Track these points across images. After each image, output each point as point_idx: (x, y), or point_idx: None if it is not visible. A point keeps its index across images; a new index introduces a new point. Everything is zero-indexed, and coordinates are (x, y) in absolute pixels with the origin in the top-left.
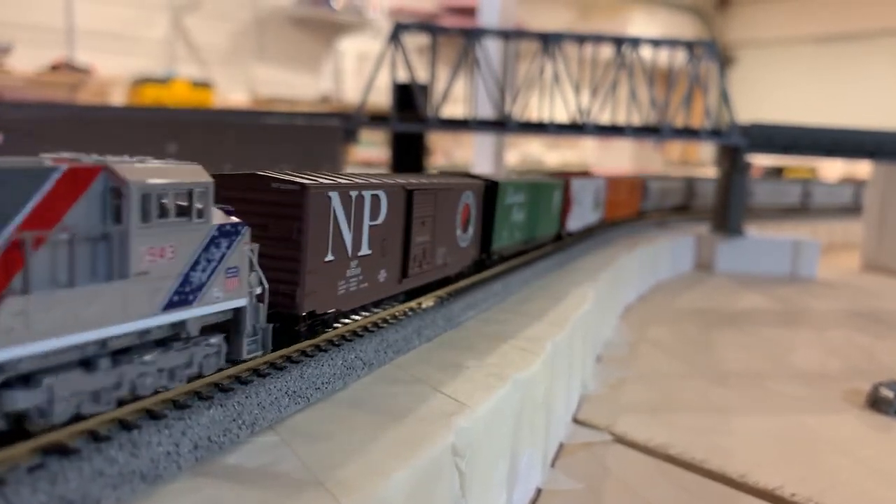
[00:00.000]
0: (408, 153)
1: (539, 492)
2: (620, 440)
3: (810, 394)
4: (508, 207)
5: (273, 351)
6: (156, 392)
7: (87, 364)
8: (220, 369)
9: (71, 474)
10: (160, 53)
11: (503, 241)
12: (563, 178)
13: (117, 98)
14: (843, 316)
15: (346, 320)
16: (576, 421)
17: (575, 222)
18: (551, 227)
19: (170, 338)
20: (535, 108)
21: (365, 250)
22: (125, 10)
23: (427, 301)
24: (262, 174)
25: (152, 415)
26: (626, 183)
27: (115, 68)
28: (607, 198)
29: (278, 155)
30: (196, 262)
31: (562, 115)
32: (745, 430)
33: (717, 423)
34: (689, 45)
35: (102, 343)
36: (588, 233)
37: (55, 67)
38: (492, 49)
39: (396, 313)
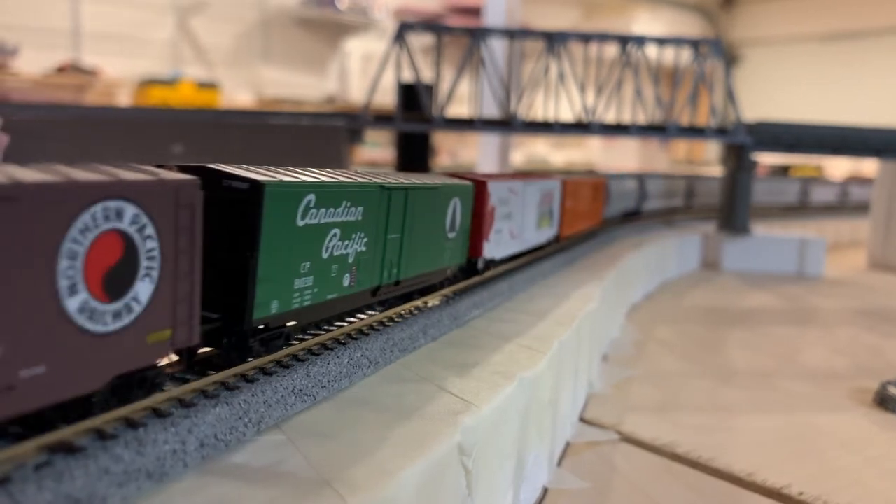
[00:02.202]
0: (413, 153)
1: (546, 491)
2: (627, 439)
3: (818, 392)
4: (306, 232)
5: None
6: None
7: None
8: (227, 367)
9: (77, 472)
10: (166, 55)
11: (283, 298)
12: (474, 181)
13: (123, 99)
14: (850, 314)
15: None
16: (582, 420)
17: (501, 246)
18: (447, 258)
19: None
20: (541, 107)
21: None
22: (131, 11)
23: (433, 300)
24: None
25: (158, 413)
26: (587, 185)
27: (122, 70)
28: (564, 206)
29: (284, 155)
30: None
31: (567, 115)
32: (753, 429)
33: (725, 421)
34: (695, 44)
35: None
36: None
37: (62, 69)
38: (497, 48)
39: (402, 312)
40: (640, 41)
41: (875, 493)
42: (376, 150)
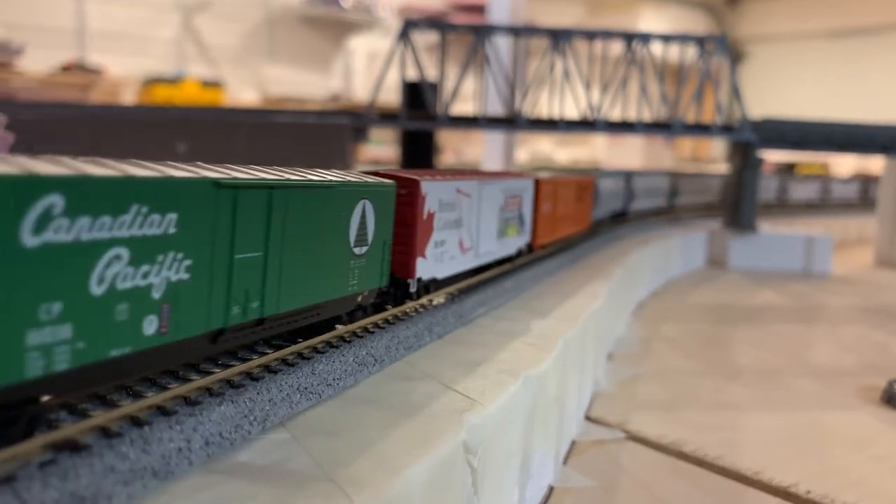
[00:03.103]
0: (418, 151)
1: (551, 489)
2: (633, 437)
3: (825, 390)
4: (47, 255)
5: None
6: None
7: None
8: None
9: (82, 470)
10: (170, 54)
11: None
12: (400, 179)
13: (128, 98)
14: (857, 312)
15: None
16: (588, 418)
17: (446, 263)
18: (355, 282)
19: None
20: (545, 105)
21: None
22: (135, 10)
23: (438, 298)
24: None
25: (163, 411)
26: (570, 185)
27: (126, 69)
28: (538, 210)
29: (288, 153)
30: None
31: (572, 112)
32: (759, 427)
33: (731, 420)
34: (700, 41)
35: None
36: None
37: (67, 68)
38: (501, 46)
39: (407, 310)
40: (646, 38)
41: (882, 491)
42: (381, 148)
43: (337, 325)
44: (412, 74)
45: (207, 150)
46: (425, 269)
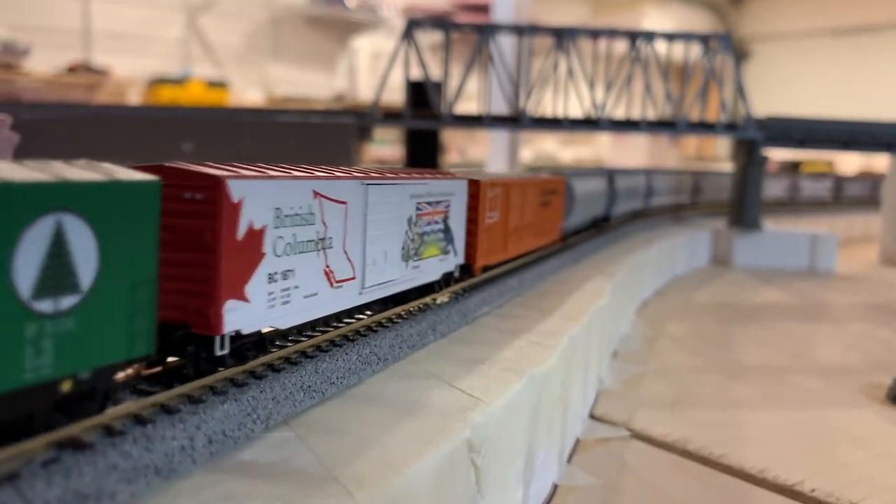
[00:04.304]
0: (422, 150)
1: (556, 487)
2: (638, 436)
3: (830, 388)
4: None
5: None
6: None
7: None
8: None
9: (85, 468)
10: (176, 54)
11: None
12: (182, 173)
13: (134, 98)
14: (862, 310)
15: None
16: (592, 416)
17: (291, 306)
18: (41, 363)
19: None
20: (550, 103)
21: None
22: (141, 11)
23: (442, 297)
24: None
25: (167, 409)
26: (531, 188)
27: (132, 69)
28: (478, 221)
29: (293, 153)
30: None
31: (576, 111)
32: (764, 425)
33: (736, 418)
34: (705, 39)
35: None
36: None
37: (72, 69)
38: (505, 45)
39: (411, 308)
40: (650, 37)
41: (887, 489)
42: (385, 147)
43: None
44: (416, 74)
45: (213, 149)
46: (248, 317)
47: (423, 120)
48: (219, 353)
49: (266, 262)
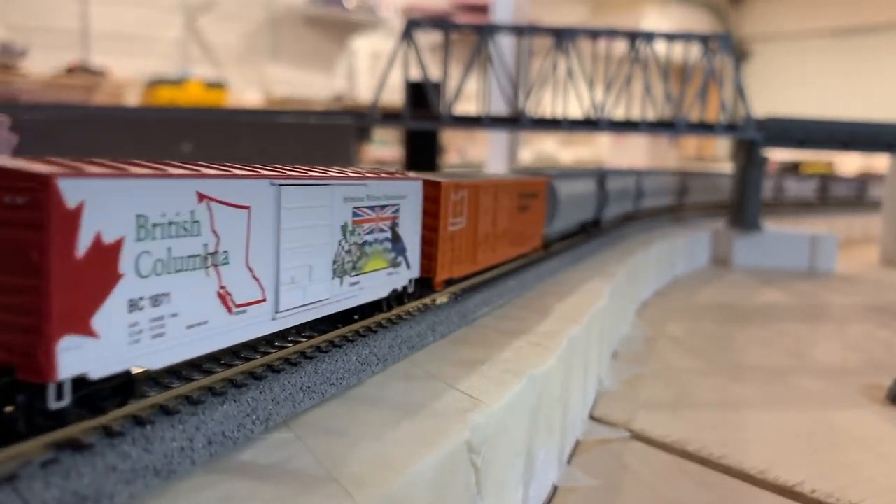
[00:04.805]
0: (421, 151)
1: (556, 488)
2: (638, 437)
3: (830, 389)
4: None
5: None
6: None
7: None
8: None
9: (84, 469)
10: (174, 54)
11: None
12: None
13: (132, 99)
14: (862, 310)
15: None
16: (592, 418)
17: (169, 340)
18: None
19: None
20: (549, 104)
21: None
22: (139, 11)
23: (441, 297)
24: None
25: (166, 410)
26: (508, 190)
27: (130, 70)
28: (438, 227)
29: (292, 154)
30: None
31: (576, 111)
32: (765, 426)
33: (736, 419)
34: (704, 39)
35: None
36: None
37: (71, 70)
38: (505, 45)
39: (410, 309)
40: (650, 37)
41: (888, 489)
42: (384, 148)
43: None
44: (416, 74)
45: (212, 150)
46: (99, 357)
47: (423, 120)
48: (53, 405)
49: (125, 284)
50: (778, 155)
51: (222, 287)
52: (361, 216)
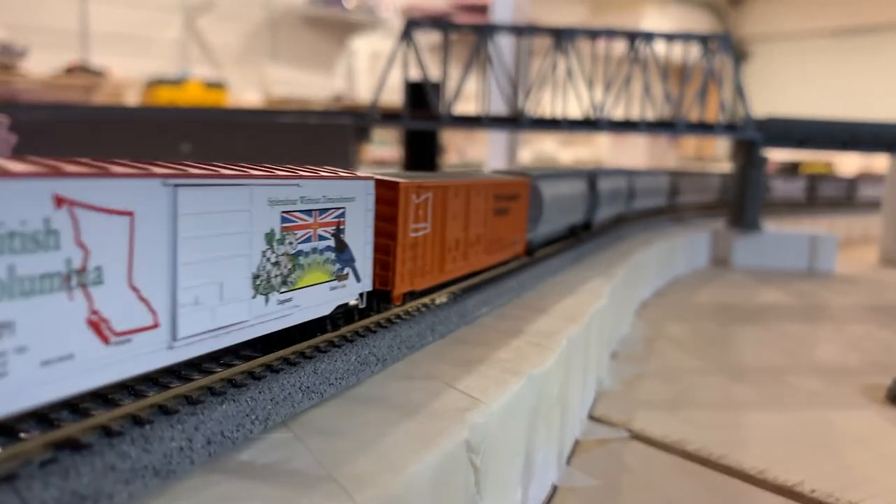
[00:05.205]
0: (421, 151)
1: (555, 488)
2: (637, 437)
3: (830, 389)
4: None
5: None
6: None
7: None
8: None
9: (83, 469)
10: (173, 55)
11: None
12: None
13: (131, 99)
14: (862, 310)
15: None
16: (591, 418)
17: None
18: None
19: None
20: (549, 104)
21: None
22: (139, 12)
23: (440, 297)
24: None
25: (165, 410)
26: (483, 191)
27: (130, 70)
28: (396, 234)
29: (292, 154)
30: None
31: (575, 112)
32: (764, 426)
33: (736, 418)
34: (704, 39)
35: None
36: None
37: (70, 70)
38: (504, 46)
39: (409, 309)
40: (649, 37)
41: (887, 490)
42: (384, 148)
43: None
44: (415, 74)
45: (211, 150)
46: None
47: (422, 121)
48: None
49: None
50: (778, 155)
51: (94, 312)
52: (293, 222)
